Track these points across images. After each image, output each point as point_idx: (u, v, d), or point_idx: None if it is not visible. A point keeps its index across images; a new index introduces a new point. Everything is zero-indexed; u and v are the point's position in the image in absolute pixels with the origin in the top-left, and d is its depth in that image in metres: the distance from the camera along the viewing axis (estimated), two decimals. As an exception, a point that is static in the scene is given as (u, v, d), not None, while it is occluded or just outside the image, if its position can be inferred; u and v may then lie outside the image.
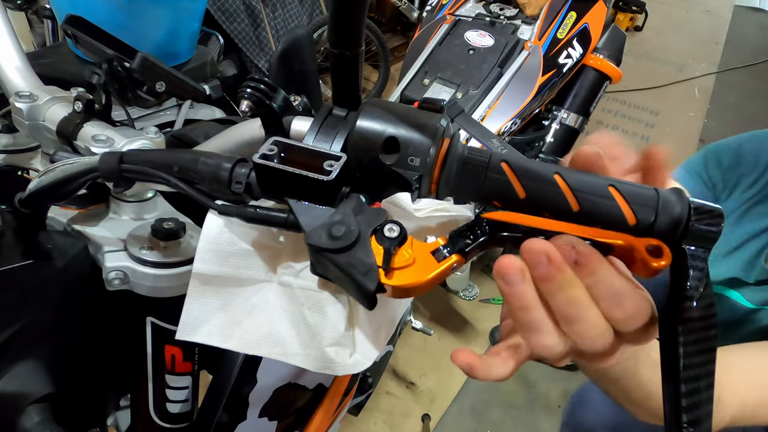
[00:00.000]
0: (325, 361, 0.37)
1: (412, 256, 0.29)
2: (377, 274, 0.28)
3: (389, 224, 0.29)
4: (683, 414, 0.25)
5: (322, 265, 0.31)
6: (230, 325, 0.38)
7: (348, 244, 0.28)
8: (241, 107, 0.37)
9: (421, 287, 0.29)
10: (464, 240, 0.28)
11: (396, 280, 0.28)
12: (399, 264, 0.28)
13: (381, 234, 0.29)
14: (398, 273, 0.28)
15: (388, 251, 0.28)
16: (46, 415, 0.44)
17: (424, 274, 0.28)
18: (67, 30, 0.48)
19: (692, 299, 0.25)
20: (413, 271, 0.28)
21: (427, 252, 0.29)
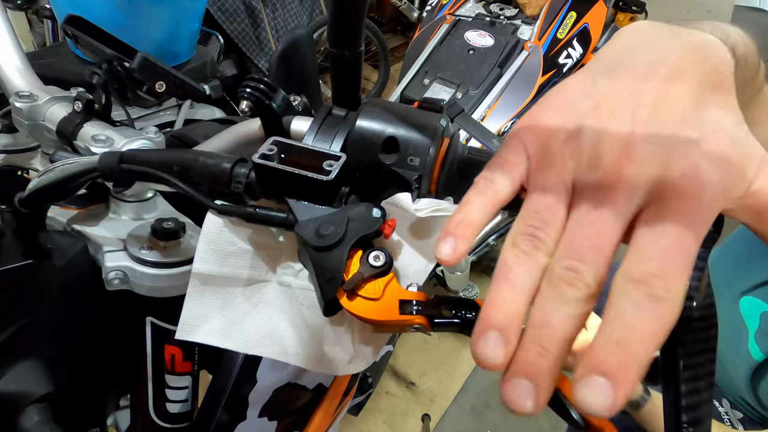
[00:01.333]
0: (324, 361, 0.37)
1: (382, 292, 0.28)
2: (338, 286, 0.28)
3: (378, 252, 0.29)
4: (683, 414, 0.25)
5: (303, 257, 0.31)
6: (230, 324, 0.38)
7: (327, 245, 0.28)
8: (241, 107, 0.37)
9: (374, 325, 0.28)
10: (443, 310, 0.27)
11: (353, 306, 0.28)
12: (365, 293, 0.28)
13: (366, 256, 0.29)
14: (359, 300, 0.28)
15: (360, 275, 0.28)
16: (46, 415, 0.44)
17: (380, 316, 0.27)
18: (67, 30, 0.48)
19: (692, 299, 0.24)
20: (372, 307, 0.28)
21: (397, 298, 0.28)
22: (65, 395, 0.47)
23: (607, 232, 0.21)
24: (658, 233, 0.20)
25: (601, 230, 0.21)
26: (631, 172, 0.21)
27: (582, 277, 0.20)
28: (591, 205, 0.22)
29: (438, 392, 1.62)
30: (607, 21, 1.83)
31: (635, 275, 0.19)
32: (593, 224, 0.21)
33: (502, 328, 0.20)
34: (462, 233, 0.24)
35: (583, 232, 0.21)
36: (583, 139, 0.23)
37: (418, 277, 0.37)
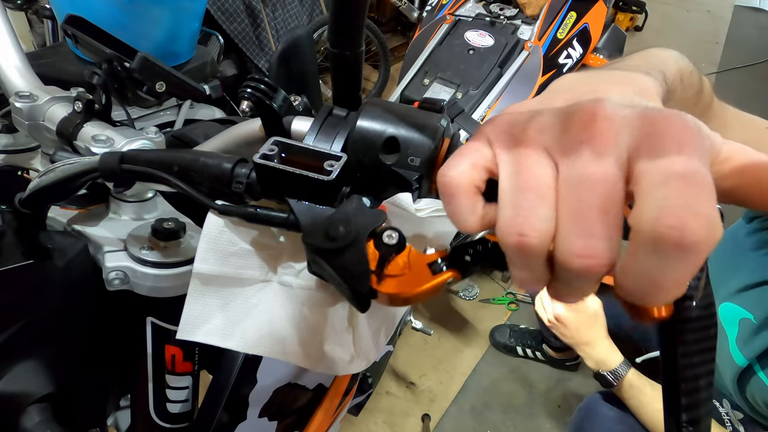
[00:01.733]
0: (324, 361, 0.37)
1: (408, 265, 0.28)
2: (369, 278, 0.28)
3: (389, 230, 0.29)
4: (682, 413, 0.25)
5: (317, 265, 0.31)
6: (230, 324, 0.38)
7: (343, 245, 0.28)
8: (241, 107, 0.37)
9: (414, 297, 0.28)
10: (464, 256, 0.27)
11: (388, 288, 0.28)
12: (393, 272, 0.28)
13: (379, 239, 0.29)
14: (391, 281, 0.28)
15: (383, 258, 0.28)
16: (47, 415, 0.44)
17: (417, 285, 0.27)
18: (67, 30, 0.48)
19: (692, 299, 0.25)
20: (406, 281, 0.28)
21: (424, 263, 0.28)
22: (66, 395, 0.47)
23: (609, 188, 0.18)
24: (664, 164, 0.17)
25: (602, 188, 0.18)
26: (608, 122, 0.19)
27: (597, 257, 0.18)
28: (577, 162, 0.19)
29: (438, 392, 1.62)
30: (607, 21, 1.83)
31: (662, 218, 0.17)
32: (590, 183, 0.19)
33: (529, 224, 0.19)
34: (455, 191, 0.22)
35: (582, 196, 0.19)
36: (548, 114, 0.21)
37: None
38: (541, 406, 1.60)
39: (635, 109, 0.20)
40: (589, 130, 0.19)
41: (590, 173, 0.19)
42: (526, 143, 0.21)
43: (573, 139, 0.20)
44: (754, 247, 0.85)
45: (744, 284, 0.84)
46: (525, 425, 1.55)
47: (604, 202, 0.18)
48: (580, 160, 0.19)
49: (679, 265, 0.17)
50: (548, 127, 0.21)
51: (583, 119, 0.20)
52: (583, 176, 0.19)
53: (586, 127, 0.19)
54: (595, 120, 0.19)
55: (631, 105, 0.20)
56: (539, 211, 0.19)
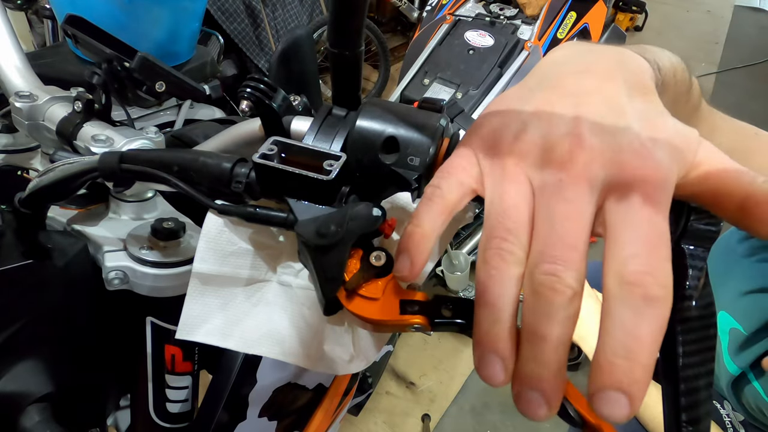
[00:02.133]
0: (324, 361, 0.37)
1: (382, 292, 0.28)
2: (338, 286, 0.28)
3: (379, 252, 0.29)
4: (682, 413, 0.25)
5: (303, 256, 0.31)
6: (230, 324, 0.38)
7: (327, 244, 0.28)
8: (241, 107, 0.37)
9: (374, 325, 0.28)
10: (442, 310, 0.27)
11: (353, 306, 0.28)
12: (365, 293, 0.28)
13: (367, 256, 0.29)
14: (359, 300, 0.28)
15: (360, 275, 0.28)
16: (47, 415, 0.44)
17: (380, 315, 0.27)
18: (67, 30, 0.48)
19: (691, 299, 0.25)
20: (373, 307, 0.27)
21: (398, 298, 0.28)
22: (65, 395, 0.47)
23: (577, 227, 0.21)
24: (631, 222, 0.20)
25: (570, 226, 0.21)
26: (586, 159, 0.21)
27: (563, 279, 0.20)
28: (553, 199, 0.21)
29: (438, 392, 1.62)
30: (607, 21, 1.83)
31: (627, 278, 0.19)
32: (561, 220, 0.21)
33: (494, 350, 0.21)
34: (416, 247, 0.24)
35: (554, 230, 0.21)
36: (532, 135, 0.23)
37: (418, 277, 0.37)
38: (541, 406, 1.60)
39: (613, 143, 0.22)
40: (566, 170, 0.22)
41: (563, 212, 0.21)
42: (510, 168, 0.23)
43: (552, 175, 0.22)
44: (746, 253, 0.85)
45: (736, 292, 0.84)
46: (525, 425, 1.55)
47: (572, 237, 0.21)
48: (555, 196, 0.21)
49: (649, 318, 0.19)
50: (531, 153, 0.23)
51: (562, 157, 0.22)
52: (557, 214, 0.21)
53: (563, 166, 0.22)
54: (572, 161, 0.22)
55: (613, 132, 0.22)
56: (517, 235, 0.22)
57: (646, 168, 0.21)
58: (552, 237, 0.21)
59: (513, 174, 0.23)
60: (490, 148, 0.24)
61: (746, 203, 0.21)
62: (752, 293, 0.81)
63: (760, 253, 0.82)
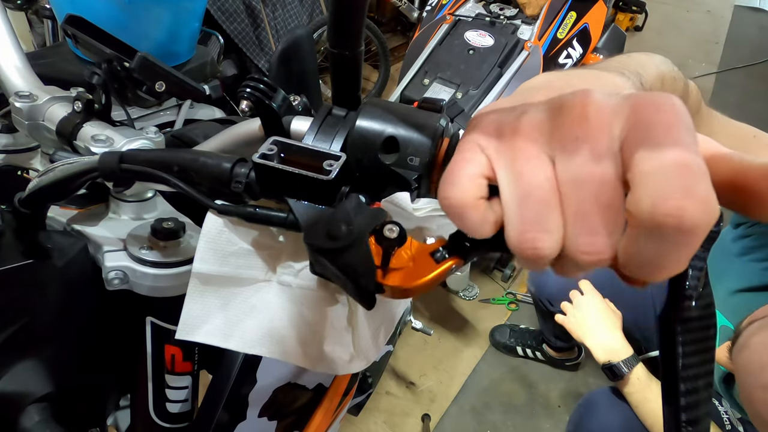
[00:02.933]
0: (324, 361, 0.37)
1: (411, 256, 0.28)
2: (375, 274, 0.28)
3: (389, 225, 0.29)
4: (682, 413, 0.25)
5: (320, 265, 0.31)
6: (230, 324, 0.38)
7: (346, 244, 0.28)
8: (240, 107, 0.37)
9: (420, 288, 0.28)
10: (464, 242, 0.28)
11: (394, 281, 0.28)
12: (397, 265, 0.28)
13: (380, 234, 0.29)
14: (396, 274, 0.28)
15: (386, 252, 0.28)
16: (46, 415, 0.44)
17: (422, 275, 0.28)
18: (67, 30, 0.48)
19: (691, 299, 0.25)
20: (411, 272, 0.28)
21: (426, 253, 0.28)
22: (65, 395, 0.47)
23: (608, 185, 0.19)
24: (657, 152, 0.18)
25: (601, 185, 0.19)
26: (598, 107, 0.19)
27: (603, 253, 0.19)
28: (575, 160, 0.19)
29: (438, 392, 1.62)
30: (607, 21, 1.83)
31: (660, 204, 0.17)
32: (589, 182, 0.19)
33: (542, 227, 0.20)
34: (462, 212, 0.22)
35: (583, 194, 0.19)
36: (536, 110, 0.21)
37: None
38: (541, 406, 1.60)
39: (622, 96, 0.20)
40: (583, 126, 0.19)
41: (589, 173, 0.19)
42: (519, 145, 0.21)
43: (567, 136, 0.20)
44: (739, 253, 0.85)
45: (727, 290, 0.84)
46: (525, 425, 1.55)
47: (604, 199, 0.19)
48: (577, 158, 0.19)
49: (680, 248, 0.17)
50: (539, 124, 0.21)
51: (574, 113, 0.20)
52: (583, 176, 0.19)
53: (578, 122, 0.19)
54: (586, 114, 0.19)
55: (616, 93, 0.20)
56: (547, 222, 0.20)
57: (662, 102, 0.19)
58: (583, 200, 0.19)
59: (525, 150, 0.21)
60: (492, 134, 0.22)
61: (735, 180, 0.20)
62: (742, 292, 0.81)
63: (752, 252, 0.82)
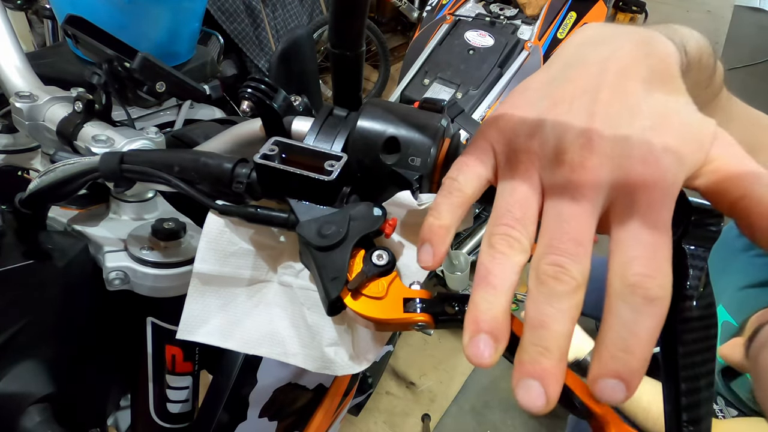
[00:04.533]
0: (324, 361, 0.37)
1: (386, 291, 0.28)
2: (342, 285, 0.28)
3: (381, 251, 0.29)
4: (683, 413, 0.25)
5: (305, 257, 0.31)
6: (230, 324, 0.38)
7: (330, 244, 0.28)
8: (241, 107, 0.37)
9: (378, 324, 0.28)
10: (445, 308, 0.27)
11: (357, 305, 0.28)
12: (369, 292, 0.28)
13: (369, 255, 0.29)
14: (363, 300, 0.28)
15: (364, 274, 0.28)
16: (47, 415, 0.44)
17: (384, 314, 0.27)
18: (67, 30, 0.48)
19: (692, 299, 0.25)
20: (377, 306, 0.28)
21: (401, 296, 0.28)
22: (66, 395, 0.47)
23: (583, 225, 0.22)
24: (634, 226, 0.21)
25: (577, 224, 0.22)
26: (594, 163, 0.22)
27: (568, 271, 0.21)
28: (562, 199, 0.23)
29: (438, 392, 1.62)
30: (607, 21, 1.83)
31: (629, 279, 0.20)
32: (568, 218, 0.22)
33: (489, 330, 0.21)
34: (436, 237, 0.25)
35: (561, 227, 0.22)
36: (546, 135, 0.24)
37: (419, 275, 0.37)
38: (541, 406, 1.60)
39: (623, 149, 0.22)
40: (576, 172, 0.22)
41: (570, 211, 0.22)
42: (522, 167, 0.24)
43: (562, 176, 0.23)
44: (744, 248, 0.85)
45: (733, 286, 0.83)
46: (525, 425, 1.55)
47: (578, 234, 0.22)
48: (564, 196, 0.23)
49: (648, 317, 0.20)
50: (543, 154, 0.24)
51: (573, 160, 0.23)
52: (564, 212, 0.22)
53: (573, 169, 0.23)
54: (582, 165, 0.22)
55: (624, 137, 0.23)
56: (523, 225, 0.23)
57: (652, 175, 0.22)
58: (558, 232, 0.22)
59: (525, 171, 0.24)
60: (506, 143, 0.25)
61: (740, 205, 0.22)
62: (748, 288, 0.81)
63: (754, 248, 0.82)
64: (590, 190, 0.22)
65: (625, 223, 0.22)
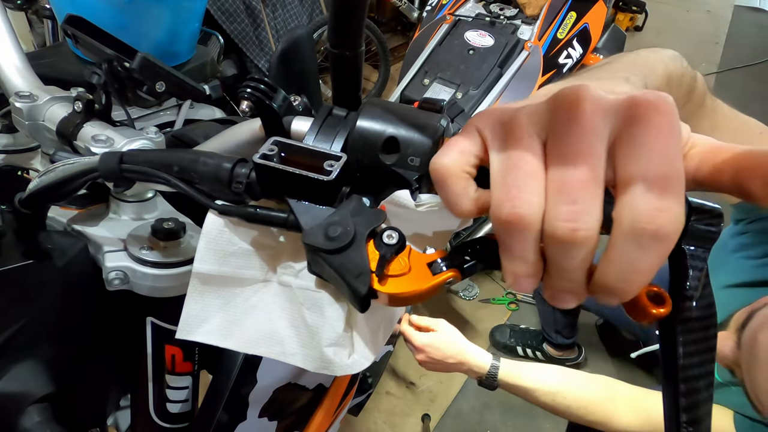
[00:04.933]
0: (323, 362, 0.37)
1: (408, 264, 0.28)
2: (369, 278, 0.28)
3: (388, 230, 0.29)
4: (682, 414, 0.25)
5: (317, 265, 0.31)
6: (230, 324, 0.38)
7: (342, 245, 0.28)
8: (241, 107, 0.37)
9: (414, 297, 0.28)
10: (464, 256, 0.28)
11: (389, 288, 0.28)
12: (393, 272, 0.28)
13: (379, 239, 0.29)
14: (392, 281, 0.28)
15: (383, 257, 0.28)
16: (47, 415, 0.44)
17: (417, 285, 0.28)
18: (67, 30, 0.48)
19: (692, 299, 0.25)
20: (407, 281, 0.28)
21: (424, 263, 0.28)
22: (66, 395, 0.47)
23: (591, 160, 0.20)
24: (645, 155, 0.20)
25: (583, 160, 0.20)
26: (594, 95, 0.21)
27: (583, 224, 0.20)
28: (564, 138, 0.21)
29: (438, 392, 1.62)
30: (607, 21, 1.83)
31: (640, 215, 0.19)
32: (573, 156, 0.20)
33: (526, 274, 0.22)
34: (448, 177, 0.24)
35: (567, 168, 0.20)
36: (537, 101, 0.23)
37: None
38: (541, 406, 1.60)
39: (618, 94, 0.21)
40: (575, 110, 0.21)
41: (575, 147, 0.20)
42: (515, 129, 0.22)
43: (560, 119, 0.21)
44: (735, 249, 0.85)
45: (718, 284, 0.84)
46: (525, 425, 1.55)
47: (588, 175, 0.20)
48: (566, 136, 0.21)
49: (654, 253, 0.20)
50: (536, 112, 0.22)
51: (568, 100, 0.21)
52: (569, 151, 0.20)
53: (572, 107, 0.21)
54: (579, 101, 0.21)
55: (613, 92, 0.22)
56: (529, 187, 0.21)
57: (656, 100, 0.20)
58: (567, 174, 0.20)
59: (517, 131, 0.22)
60: (492, 121, 0.24)
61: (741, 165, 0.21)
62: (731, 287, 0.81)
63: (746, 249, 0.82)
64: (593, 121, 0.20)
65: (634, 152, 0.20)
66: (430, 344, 0.96)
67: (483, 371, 0.93)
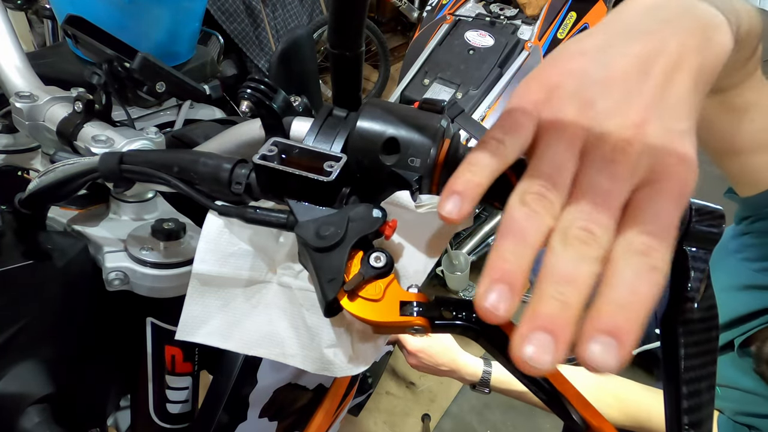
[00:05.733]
0: (323, 363, 0.37)
1: (383, 293, 0.28)
2: (339, 287, 0.28)
3: (379, 253, 0.29)
4: (684, 416, 0.25)
5: (303, 258, 0.31)
6: (230, 325, 0.38)
7: (328, 245, 0.28)
8: (241, 107, 0.36)
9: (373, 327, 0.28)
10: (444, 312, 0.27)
11: (353, 307, 0.28)
12: (365, 294, 0.28)
13: (367, 257, 0.29)
14: (360, 301, 0.28)
15: (360, 276, 0.28)
16: (46, 416, 0.44)
17: (380, 317, 0.27)
18: (67, 30, 0.48)
19: (693, 300, 0.24)
20: (373, 308, 0.28)
21: (398, 299, 0.28)
22: (65, 396, 0.47)
23: (614, 200, 0.22)
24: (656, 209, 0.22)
25: (609, 197, 0.22)
26: (637, 150, 0.23)
27: (597, 237, 0.21)
28: (599, 174, 0.23)
29: (438, 392, 1.62)
30: (608, 21, 1.83)
31: (637, 246, 0.21)
32: (604, 192, 0.22)
33: (510, 281, 0.20)
34: (468, 193, 0.23)
35: (596, 198, 0.22)
36: (596, 113, 0.24)
37: (418, 277, 0.37)
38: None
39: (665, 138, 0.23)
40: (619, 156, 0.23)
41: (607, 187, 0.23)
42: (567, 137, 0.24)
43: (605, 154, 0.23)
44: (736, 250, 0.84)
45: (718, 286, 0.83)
46: (525, 425, 1.55)
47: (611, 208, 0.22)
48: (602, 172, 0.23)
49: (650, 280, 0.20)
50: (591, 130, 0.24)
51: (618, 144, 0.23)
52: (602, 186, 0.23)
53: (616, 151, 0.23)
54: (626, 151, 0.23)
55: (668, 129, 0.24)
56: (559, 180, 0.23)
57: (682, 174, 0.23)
58: (594, 201, 0.22)
59: (570, 142, 0.24)
60: (554, 113, 0.25)
61: None
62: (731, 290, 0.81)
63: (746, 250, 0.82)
64: (627, 171, 0.23)
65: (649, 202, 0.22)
66: (422, 350, 0.97)
67: (475, 378, 0.93)
